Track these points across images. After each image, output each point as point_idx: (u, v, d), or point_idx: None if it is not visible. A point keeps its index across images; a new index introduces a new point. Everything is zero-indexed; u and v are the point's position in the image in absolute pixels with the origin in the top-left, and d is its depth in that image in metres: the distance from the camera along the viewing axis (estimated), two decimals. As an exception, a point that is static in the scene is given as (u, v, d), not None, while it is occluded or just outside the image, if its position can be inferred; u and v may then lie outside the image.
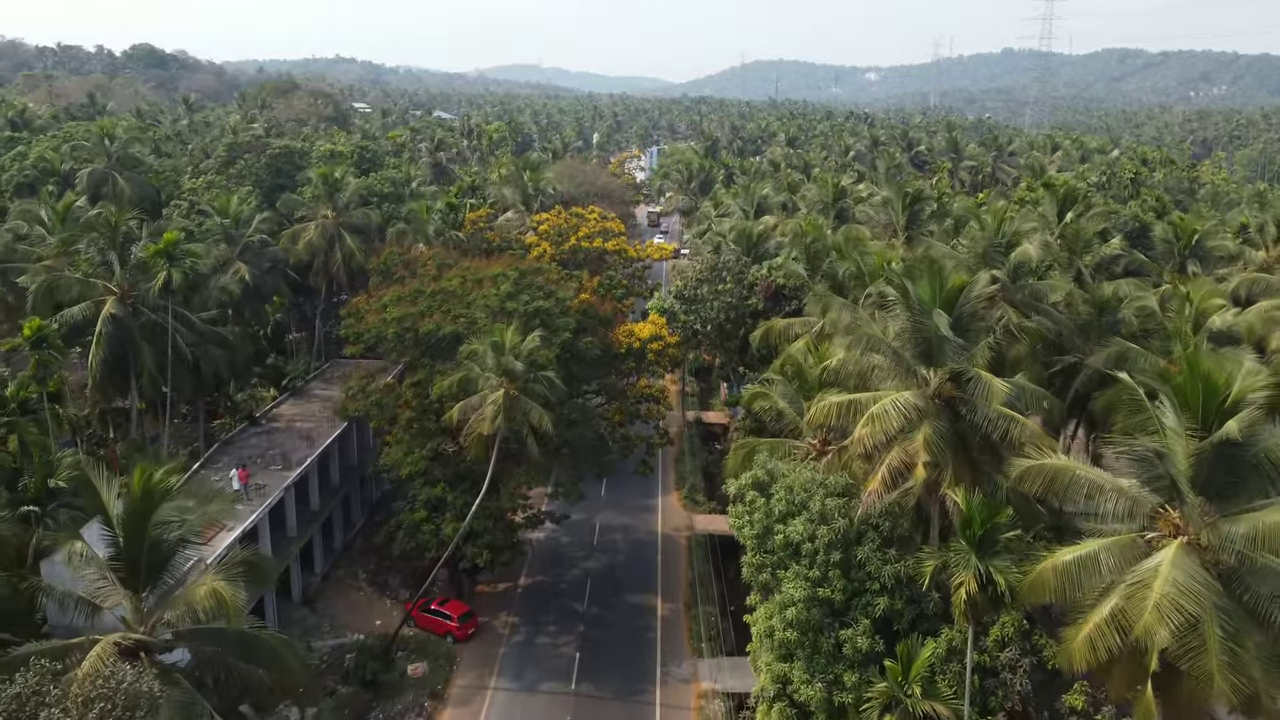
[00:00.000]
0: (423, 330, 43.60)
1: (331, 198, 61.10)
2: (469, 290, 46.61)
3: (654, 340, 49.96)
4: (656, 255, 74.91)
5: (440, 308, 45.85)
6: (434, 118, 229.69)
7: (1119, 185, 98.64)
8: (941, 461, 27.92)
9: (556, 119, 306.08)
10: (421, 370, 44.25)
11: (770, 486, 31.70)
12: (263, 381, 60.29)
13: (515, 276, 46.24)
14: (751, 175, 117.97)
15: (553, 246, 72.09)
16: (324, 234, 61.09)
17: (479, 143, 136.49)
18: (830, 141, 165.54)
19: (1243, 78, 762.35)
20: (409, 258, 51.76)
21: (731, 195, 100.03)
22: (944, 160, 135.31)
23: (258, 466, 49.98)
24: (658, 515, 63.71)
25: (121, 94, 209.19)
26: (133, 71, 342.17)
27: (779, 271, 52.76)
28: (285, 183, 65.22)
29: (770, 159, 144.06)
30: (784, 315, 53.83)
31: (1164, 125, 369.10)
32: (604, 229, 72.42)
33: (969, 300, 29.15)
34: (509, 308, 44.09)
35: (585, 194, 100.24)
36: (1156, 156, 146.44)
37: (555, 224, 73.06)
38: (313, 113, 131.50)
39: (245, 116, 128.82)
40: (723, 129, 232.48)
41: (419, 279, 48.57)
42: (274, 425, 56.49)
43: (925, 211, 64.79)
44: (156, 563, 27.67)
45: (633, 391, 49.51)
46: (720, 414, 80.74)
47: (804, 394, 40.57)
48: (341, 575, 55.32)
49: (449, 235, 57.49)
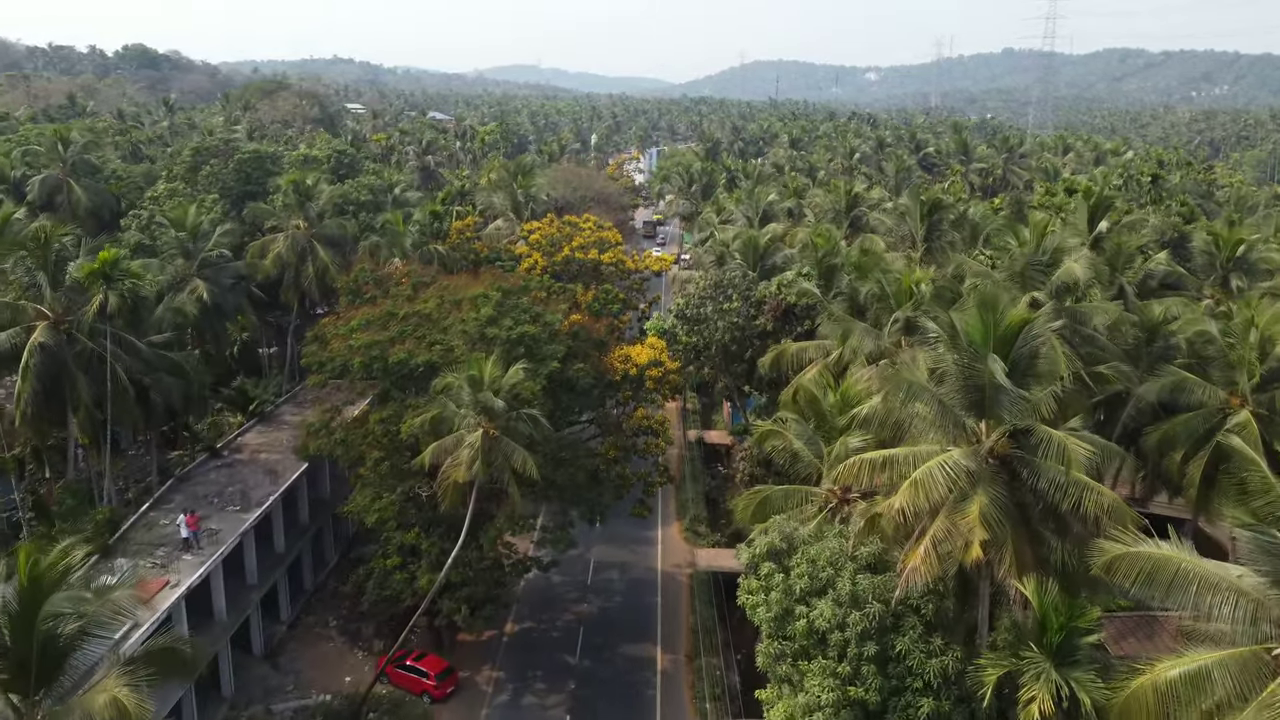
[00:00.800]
0: (393, 360, 38.75)
1: (303, 207, 56.21)
2: (447, 313, 41.73)
3: (652, 366, 45.12)
4: (656, 267, 70.10)
5: (414, 333, 41.00)
6: (428, 119, 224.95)
7: (1138, 189, 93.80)
8: (999, 538, 23.07)
9: (554, 120, 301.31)
10: (392, 404, 39.37)
11: (789, 557, 26.89)
12: (228, 407, 55.42)
13: (497, 298, 41.36)
14: (754, 179, 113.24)
15: (544, 258, 67.23)
16: (294, 246, 56.24)
17: (471, 145, 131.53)
18: (834, 143, 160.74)
19: (1244, 77, 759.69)
20: (381, 275, 46.88)
21: (734, 201, 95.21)
22: (955, 163, 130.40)
23: (213, 507, 45.12)
24: (657, 549, 58.85)
25: (109, 95, 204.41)
26: (125, 72, 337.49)
27: (790, 289, 47.94)
28: (256, 190, 60.39)
29: (774, 161, 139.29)
30: (795, 337, 49.00)
31: (1170, 125, 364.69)
32: (599, 239, 67.54)
33: (1029, 340, 24.28)
34: (490, 334, 39.23)
35: (581, 199, 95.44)
36: (1173, 159, 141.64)
37: (547, 233, 68.17)
38: (298, 114, 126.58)
39: (229, 118, 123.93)
40: (723, 130, 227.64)
41: (392, 300, 43.68)
42: (237, 457, 51.58)
43: (945, 221, 59.98)
44: (50, 662, 22.84)
45: (629, 424, 44.66)
46: (723, 432, 76.06)
47: (822, 433, 35.78)
48: (311, 623, 50.41)
49: (428, 249, 52.46)
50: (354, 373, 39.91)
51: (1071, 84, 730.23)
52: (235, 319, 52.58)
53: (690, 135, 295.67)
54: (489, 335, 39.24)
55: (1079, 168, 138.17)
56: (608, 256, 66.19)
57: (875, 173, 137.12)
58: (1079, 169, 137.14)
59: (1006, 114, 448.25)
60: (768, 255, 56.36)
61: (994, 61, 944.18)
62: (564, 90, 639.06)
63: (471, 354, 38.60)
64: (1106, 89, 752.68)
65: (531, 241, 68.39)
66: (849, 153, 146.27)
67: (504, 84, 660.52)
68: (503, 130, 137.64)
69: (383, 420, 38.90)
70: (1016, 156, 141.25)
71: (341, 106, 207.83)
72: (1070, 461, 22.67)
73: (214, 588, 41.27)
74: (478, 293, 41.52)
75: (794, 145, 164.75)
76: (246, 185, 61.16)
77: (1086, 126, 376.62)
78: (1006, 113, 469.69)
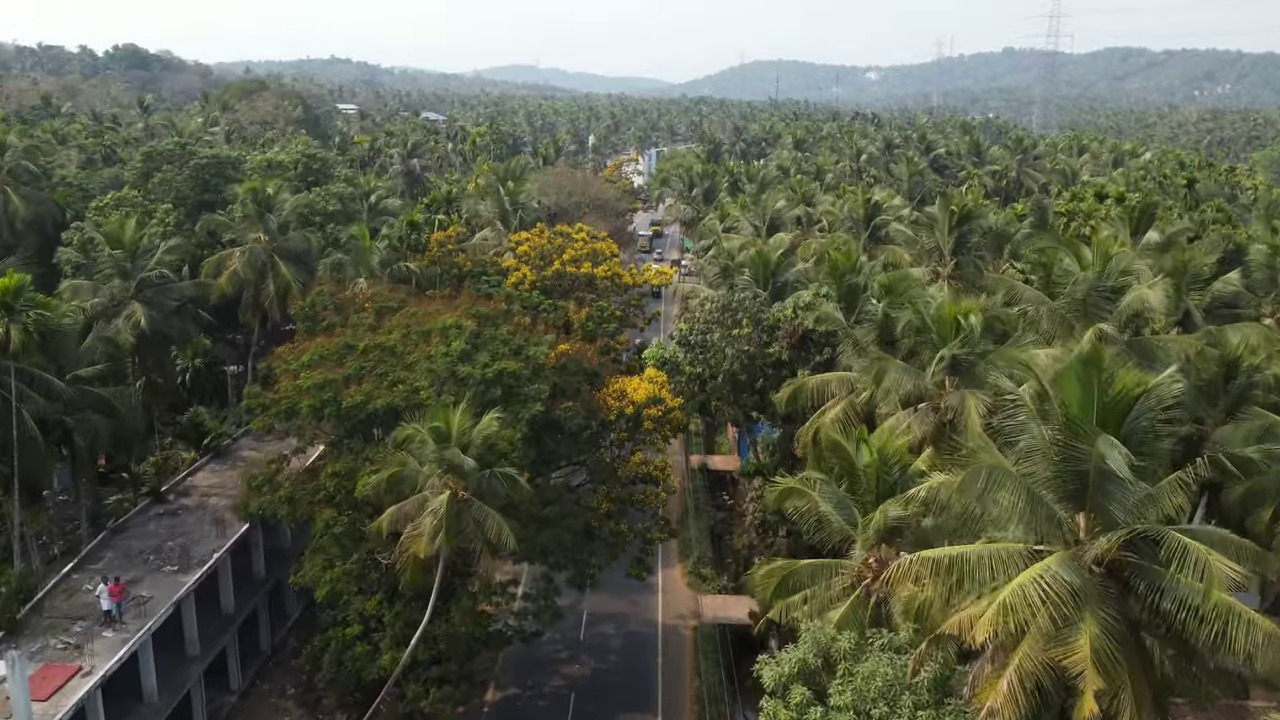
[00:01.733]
0: (348, 404, 32.91)
1: (263, 218, 50.37)
2: (413, 346, 35.90)
3: (651, 404, 39.30)
4: (656, 281, 64.33)
5: (375, 370, 35.18)
6: (420, 119, 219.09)
7: (1173, 195, 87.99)
8: (1116, 680, 17.28)
9: (551, 120, 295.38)
10: (347, 456, 33.52)
11: (826, 680, 21.13)
12: (180, 441, 49.59)
13: (471, 329, 35.51)
14: (759, 183, 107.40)
15: (533, 271, 61.44)
16: (253, 262, 50.42)
17: (462, 147, 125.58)
18: (840, 144, 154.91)
19: (1247, 76, 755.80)
20: (342, 299, 41.02)
21: (739, 207, 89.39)
22: (971, 166, 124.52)
23: (147, 566, 39.25)
24: (658, 598, 53.01)
25: (92, 95, 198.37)
26: (114, 72, 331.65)
27: (808, 314, 42.14)
28: (215, 199, 54.59)
29: (778, 164, 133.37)
30: (814, 367, 43.18)
31: (1177, 125, 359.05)
32: (593, 250, 61.71)
33: (1145, 413, 18.48)
34: (462, 373, 33.40)
35: (576, 205, 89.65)
36: (1194, 160, 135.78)
37: (536, 245, 62.34)
38: (280, 115, 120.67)
39: (208, 119, 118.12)
40: (724, 131, 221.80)
41: (351, 329, 37.84)
42: (184, 502, 45.66)
43: (976, 233, 54.15)
44: None
45: (625, 470, 38.84)
46: (729, 457, 70.42)
47: (855, 496, 30.01)
48: (266, 691, 44.48)
49: (400, 267, 46.54)
50: (302, 417, 34.11)
51: (1073, 83, 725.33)
52: (184, 344, 46.71)
53: (690, 136, 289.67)
54: (461, 374, 33.41)
55: (1096, 169, 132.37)
56: (602, 271, 60.37)
57: (883, 175, 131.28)
58: (1096, 171, 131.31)
59: (1009, 113, 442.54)
60: (780, 271, 50.57)
61: (994, 61, 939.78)
62: (563, 90, 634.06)
63: (439, 398, 32.79)
64: (1108, 88, 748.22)
65: (519, 254, 62.58)
66: (856, 154, 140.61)
67: (502, 84, 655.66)
68: (494, 131, 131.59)
69: (336, 474, 33.05)
70: (1031, 158, 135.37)
71: (333, 107, 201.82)
72: (1210, 580, 16.87)
73: (143, 667, 35.39)
74: (449, 322, 35.66)
75: (798, 146, 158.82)
76: (204, 194, 55.34)
77: (1091, 126, 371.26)
78: (1009, 112, 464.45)
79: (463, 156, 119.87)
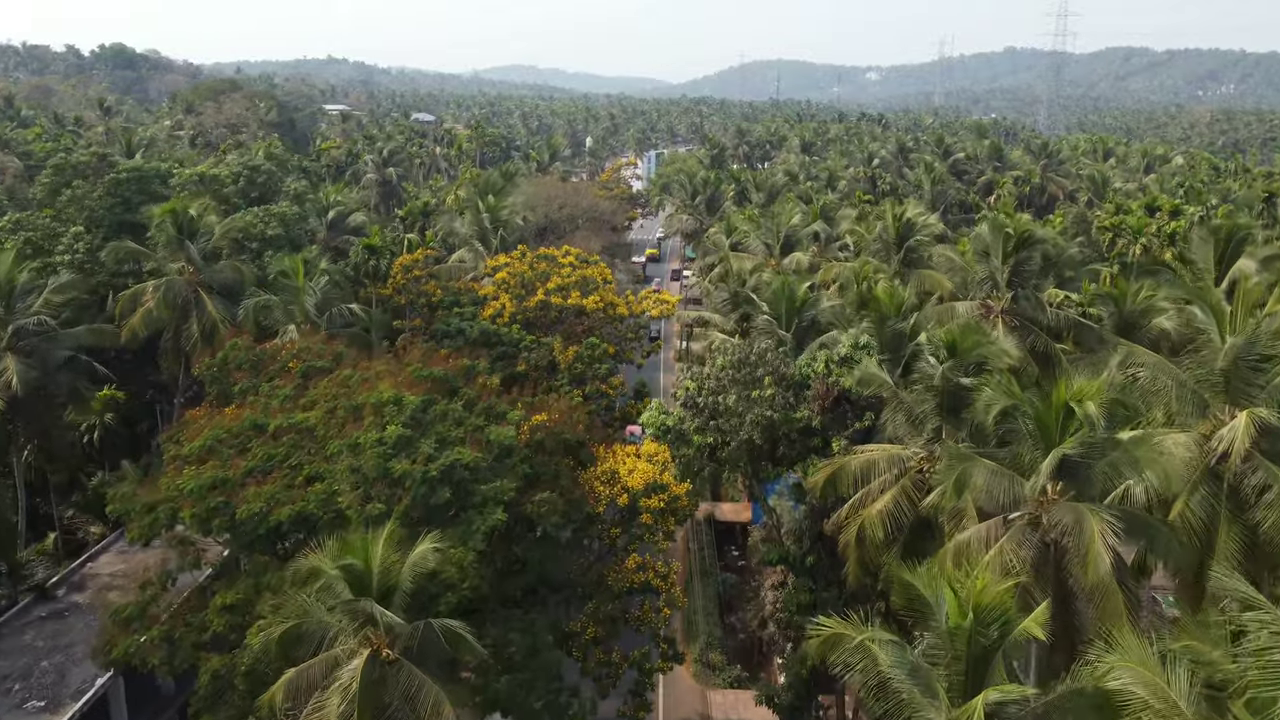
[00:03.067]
0: (243, 514, 24.41)
1: (183, 245, 41.87)
2: (339, 428, 27.40)
3: (651, 492, 30.85)
4: (656, 312, 55.95)
5: (287, 460, 26.68)
6: (410, 121, 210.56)
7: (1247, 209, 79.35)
8: None
9: (548, 121, 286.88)
10: (243, 581, 25.00)
11: None
12: (83, 515, 41.09)
13: (415, 405, 26.96)
14: (767, 191, 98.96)
15: (514, 302, 53.06)
16: (172, 298, 41.89)
17: (449, 151, 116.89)
18: (849, 147, 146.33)
19: (1251, 76, 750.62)
20: (262, 354, 32.52)
21: (747, 219, 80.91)
22: (992, 171, 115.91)
23: (7, 702, 30.80)
24: (658, 694, 44.65)
25: (68, 97, 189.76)
26: (100, 72, 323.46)
27: (846, 372, 33.66)
28: (138, 220, 46.13)
29: (785, 169, 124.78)
30: (852, 436, 34.68)
31: (1189, 126, 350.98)
32: (582, 277, 53.23)
33: None
34: (397, 472, 24.90)
35: (569, 218, 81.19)
36: (1230, 165, 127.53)
37: (517, 271, 53.91)
38: (252, 117, 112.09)
39: (174, 123, 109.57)
40: (726, 133, 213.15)
41: (265, 399, 29.34)
42: (76, 599, 37.22)
43: (1035, 260, 45.64)
44: None
45: (617, 579, 30.32)
46: (739, 506, 62.05)
47: (933, 656, 21.59)
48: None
49: (341, 310, 37.85)
50: (186, 527, 25.65)
51: (1075, 83, 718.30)
52: (77, 402, 38.22)
53: (691, 138, 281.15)
54: (395, 473, 24.90)
55: (1126, 175, 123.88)
56: (592, 301, 51.93)
57: (897, 180, 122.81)
58: (1126, 176, 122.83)
59: (1013, 114, 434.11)
60: (806, 308, 42.07)
61: (996, 60, 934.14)
62: (561, 90, 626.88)
63: (365, 506, 24.29)
64: (1111, 88, 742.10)
65: (498, 281, 54.17)
66: (867, 158, 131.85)
67: (501, 84, 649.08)
68: (480, 134, 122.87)
69: (227, 608, 24.52)
70: (1055, 163, 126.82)
71: (318, 108, 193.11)
72: None
73: None
74: (386, 396, 27.09)
75: (805, 150, 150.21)
76: (124, 213, 46.84)
77: (1098, 127, 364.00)
78: (1012, 112, 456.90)
79: (449, 162, 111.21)
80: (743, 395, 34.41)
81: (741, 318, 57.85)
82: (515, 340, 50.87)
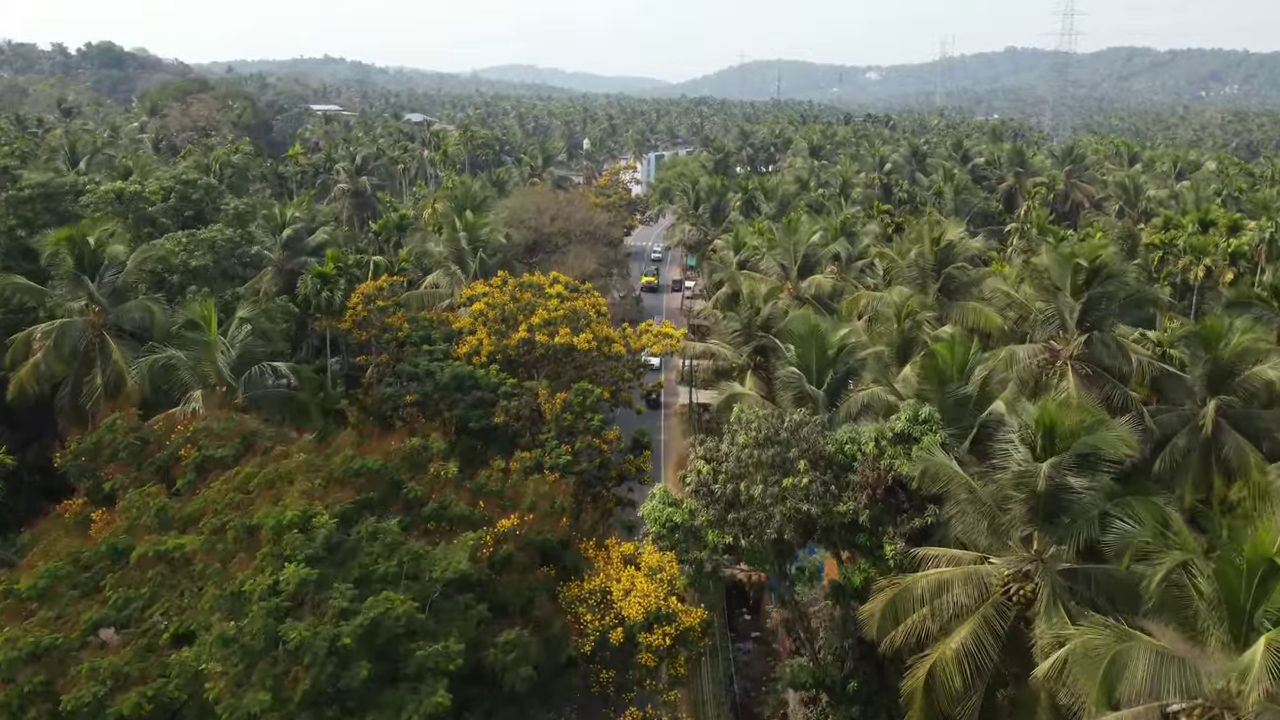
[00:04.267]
0: (67, 705, 16.88)
1: (78, 280, 34.29)
2: (225, 556, 19.86)
3: (656, 623, 23.42)
4: (658, 349, 48.44)
5: (149, 609, 19.13)
6: (400, 122, 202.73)
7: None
8: None
9: (545, 122, 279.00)
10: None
11: None
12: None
13: (329, 531, 19.42)
14: (778, 201, 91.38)
15: (493, 338, 45.60)
16: (69, 346, 34.33)
17: (435, 154, 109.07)
18: (860, 151, 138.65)
19: (1254, 76, 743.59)
20: (144, 438, 24.97)
21: (758, 233, 73.41)
22: (1020, 179, 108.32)
23: None
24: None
25: (41, 97, 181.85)
26: (86, 71, 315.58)
27: (907, 458, 26.15)
28: (43, 247, 38.51)
29: (795, 175, 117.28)
30: (910, 535, 27.14)
31: (1200, 127, 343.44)
32: (572, 310, 45.67)
33: None
34: (292, 640, 17.36)
35: (560, 231, 73.48)
36: (1268, 172, 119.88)
37: (497, 302, 46.39)
38: (224, 119, 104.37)
39: (138, 125, 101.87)
40: (729, 134, 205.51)
41: (136, 510, 21.77)
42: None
43: (1111, 298, 37.96)
44: None
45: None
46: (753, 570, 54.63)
47: None
48: None
49: (263, 369, 30.07)
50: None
51: (1078, 83, 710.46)
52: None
53: (692, 139, 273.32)
54: (293, 642, 17.33)
55: (1156, 181, 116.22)
56: (584, 340, 44.41)
57: (911, 185, 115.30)
58: (1157, 183, 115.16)
59: (1016, 114, 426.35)
60: (842, 358, 34.46)
61: (997, 61, 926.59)
62: (560, 90, 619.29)
63: (239, 702, 16.74)
64: (1113, 88, 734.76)
65: (475, 313, 46.64)
66: (879, 163, 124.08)
67: (499, 84, 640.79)
68: (469, 138, 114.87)
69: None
70: (1081, 168, 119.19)
71: (304, 109, 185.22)
72: None
73: None
74: (291, 515, 19.53)
75: (814, 154, 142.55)
76: (30, 235, 39.31)
77: (1104, 128, 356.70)
78: (1015, 113, 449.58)
79: (435, 166, 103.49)
80: (771, 482, 26.91)
81: (755, 351, 50.50)
82: (493, 385, 43.41)
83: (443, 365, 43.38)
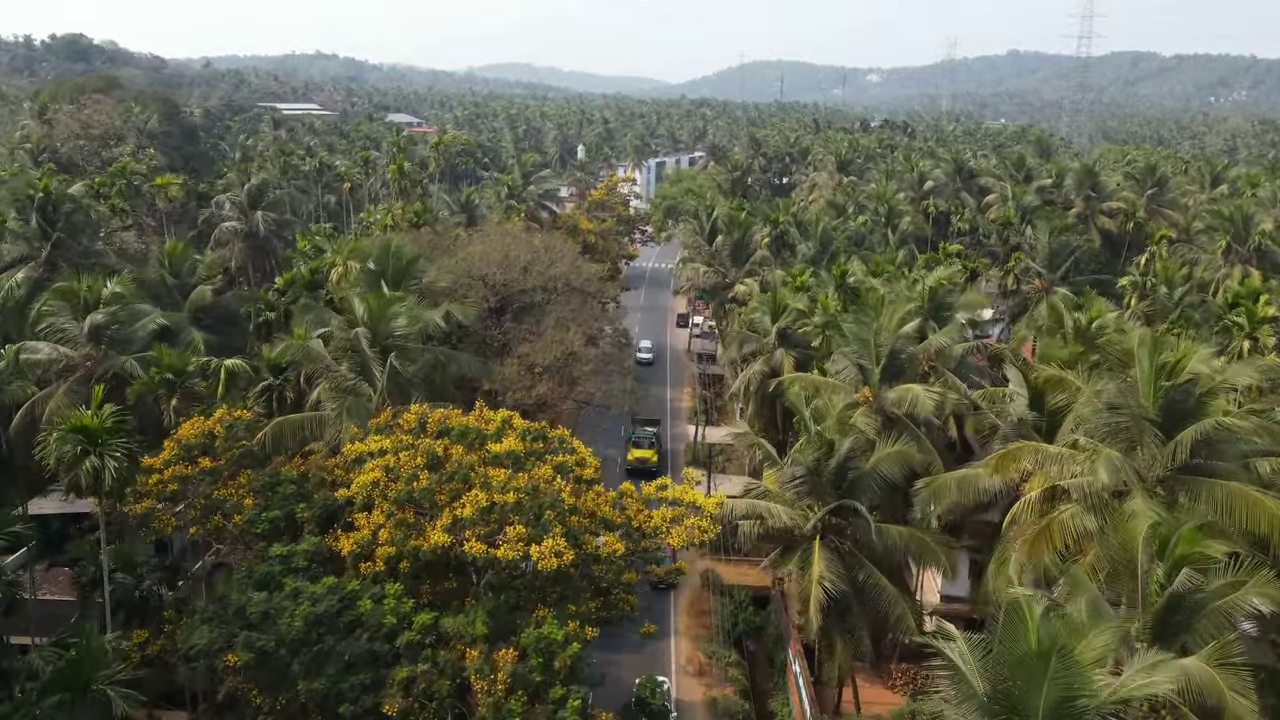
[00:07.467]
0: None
1: None
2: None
3: None
4: (676, 542, 28.75)
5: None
6: (383, 122, 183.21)
7: None
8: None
9: (537, 124, 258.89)
10: None
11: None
12: None
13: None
14: (818, 238, 71.77)
15: (396, 530, 26.36)
16: None
17: (390, 170, 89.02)
18: (895, 166, 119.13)
19: (1263, 82, 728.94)
20: None
21: (801, 290, 53.98)
22: (1090, 205, 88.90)
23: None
24: None
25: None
26: (49, 64, 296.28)
27: None
28: None
29: (827, 198, 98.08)
30: None
31: (1231, 135, 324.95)
32: (535, 483, 26.22)
33: None
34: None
35: (538, 286, 53.64)
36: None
37: (404, 468, 26.97)
38: (132, 125, 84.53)
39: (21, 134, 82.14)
40: (737, 141, 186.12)
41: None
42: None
43: None
44: None
45: None
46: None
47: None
48: None
49: None
50: None
51: (1084, 87, 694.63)
52: None
53: (693, 143, 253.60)
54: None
55: (1263, 208, 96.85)
56: (548, 550, 24.93)
57: (973, 213, 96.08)
58: (1263, 210, 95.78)
59: (1024, 119, 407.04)
60: None
61: (999, 63, 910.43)
62: (557, 89, 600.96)
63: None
64: (1120, 93, 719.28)
65: (365, 486, 27.00)
66: (918, 180, 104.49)
67: (494, 83, 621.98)
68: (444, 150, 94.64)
69: None
70: (1164, 192, 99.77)
71: (261, 110, 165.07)
72: None
73: None
74: None
75: (842, 168, 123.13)
76: None
77: (1128, 136, 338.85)
78: (1023, 117, 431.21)
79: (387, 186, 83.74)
80: None
81: (833, 511, 32.10)
82: (388, 627, 24.11)
83: (294, 603, 24.04)
